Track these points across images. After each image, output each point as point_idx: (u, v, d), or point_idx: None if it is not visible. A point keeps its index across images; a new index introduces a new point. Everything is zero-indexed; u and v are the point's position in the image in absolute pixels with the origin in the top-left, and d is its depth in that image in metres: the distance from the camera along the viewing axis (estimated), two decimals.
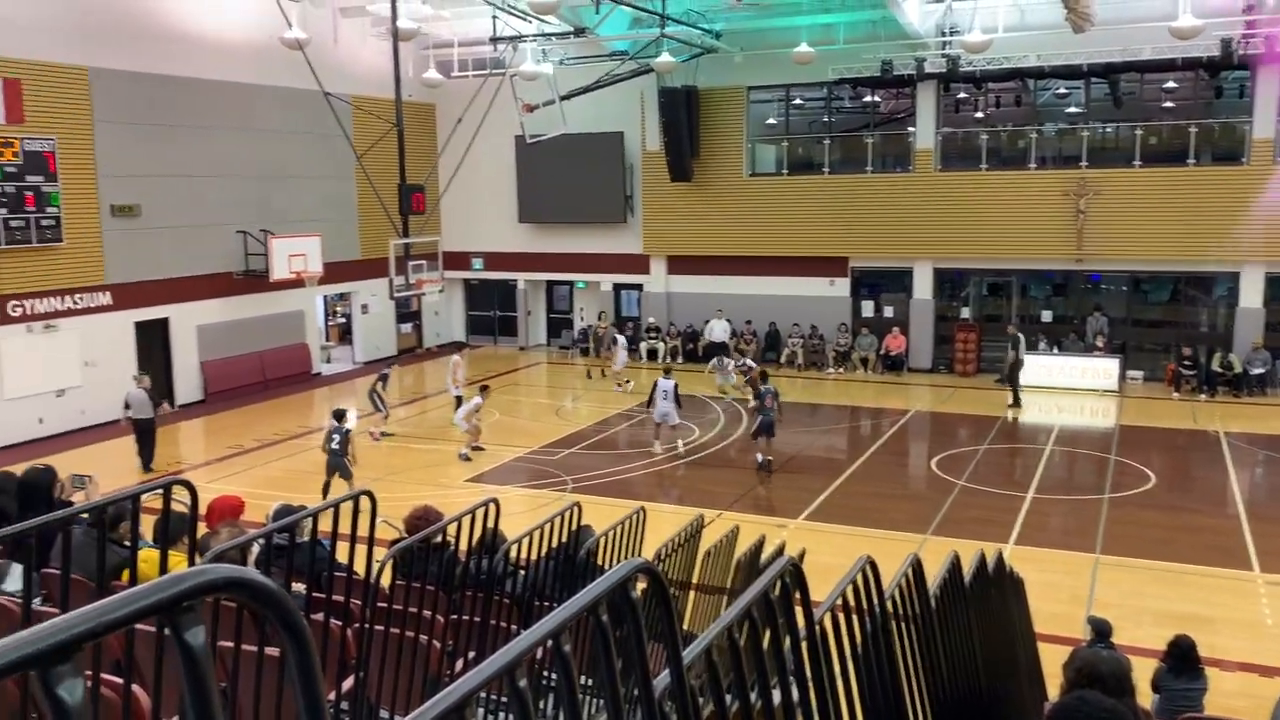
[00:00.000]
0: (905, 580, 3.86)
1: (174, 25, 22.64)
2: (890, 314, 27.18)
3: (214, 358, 24.07)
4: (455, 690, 1.23)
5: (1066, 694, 5.16)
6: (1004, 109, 26.31)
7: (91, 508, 3.28)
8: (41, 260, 20.26)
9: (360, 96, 25.11)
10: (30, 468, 6.98)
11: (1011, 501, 15.75)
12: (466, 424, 18.74)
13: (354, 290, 28.48)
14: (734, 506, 15.42)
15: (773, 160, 28.29)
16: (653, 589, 1.96)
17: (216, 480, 16.68)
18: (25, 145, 19.55)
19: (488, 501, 5.40)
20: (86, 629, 0.79)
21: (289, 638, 0.94)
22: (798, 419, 22.20)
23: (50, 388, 20.53)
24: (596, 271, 30.01)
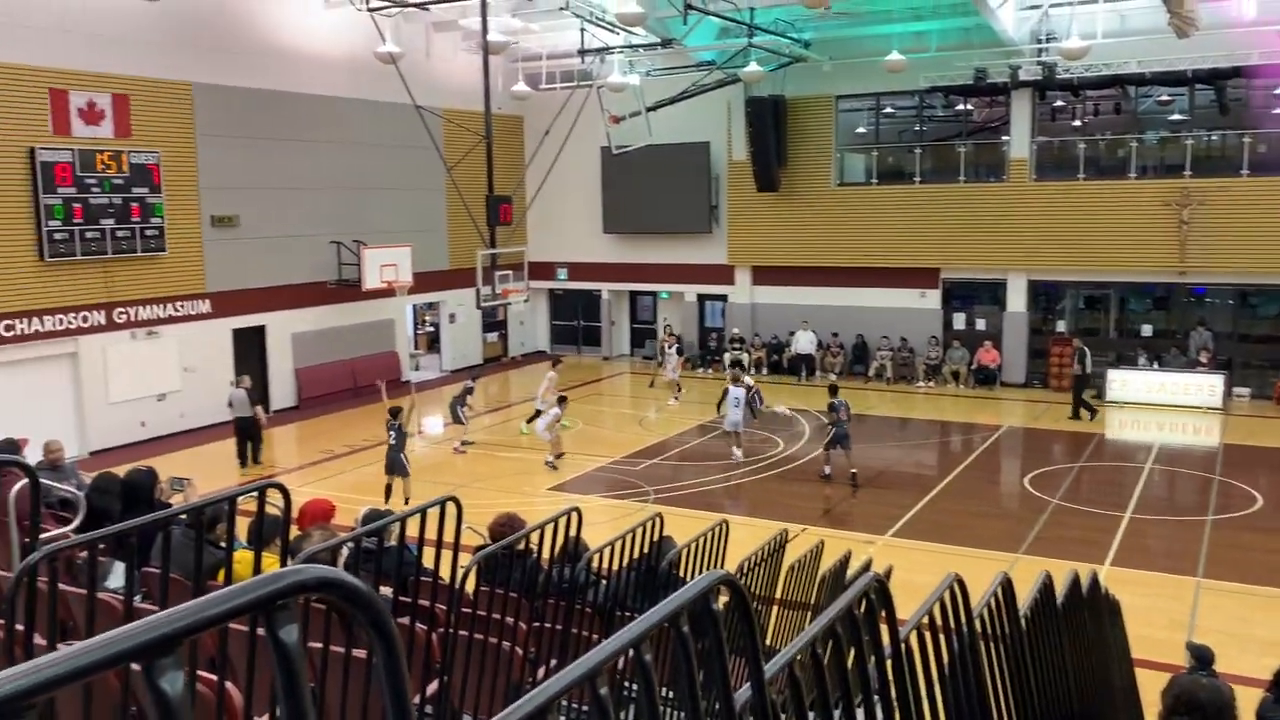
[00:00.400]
0: (994, 599, 3.77)
1: (273, 41, 23.38)
2: (982, 327, 26.63)
3: (308, 365, 24.72)
4: (538, 695, 1.24)
5: None
6: (1103, 117, 25.60)
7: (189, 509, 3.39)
8: (146, 269, 21.06)
9: (451, 109, 25.58)
10: (132, 469, 7.25)
11: (1108, 521, 15.28)
12: (549, 434, 18.91)
13: (442, 300, 28.99)
14: (819, 521, 15.26)
15: (862, 170, 27.98)
16: (734, 602, 1.94)
17: (308, 484, 17.10)
18: (132, 158, 20.35)
19: (570, 510, 5.44)
20: (188, 624, 0.82)
21: (378, 639, 0.95)
22: (887, 433, 21.89)
23: (152, 392, 21.29)
24: (680, 282, 30.04)
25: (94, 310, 20.21)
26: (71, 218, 19.40)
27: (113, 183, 20.05)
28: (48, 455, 10.10)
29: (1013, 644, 3.97)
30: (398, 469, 15.73)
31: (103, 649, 0.77)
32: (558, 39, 26.40)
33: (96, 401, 20.30)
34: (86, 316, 20.10)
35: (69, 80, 19.39)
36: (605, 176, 29.58)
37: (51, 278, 19.42)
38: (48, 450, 10.19)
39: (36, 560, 2.70)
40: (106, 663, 0.76)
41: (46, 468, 9.77)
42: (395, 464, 15.75)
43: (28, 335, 19.18)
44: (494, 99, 22.91)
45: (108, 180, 19.95)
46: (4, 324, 18.78)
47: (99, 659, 0.76)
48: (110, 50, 20.01)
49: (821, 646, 2.07)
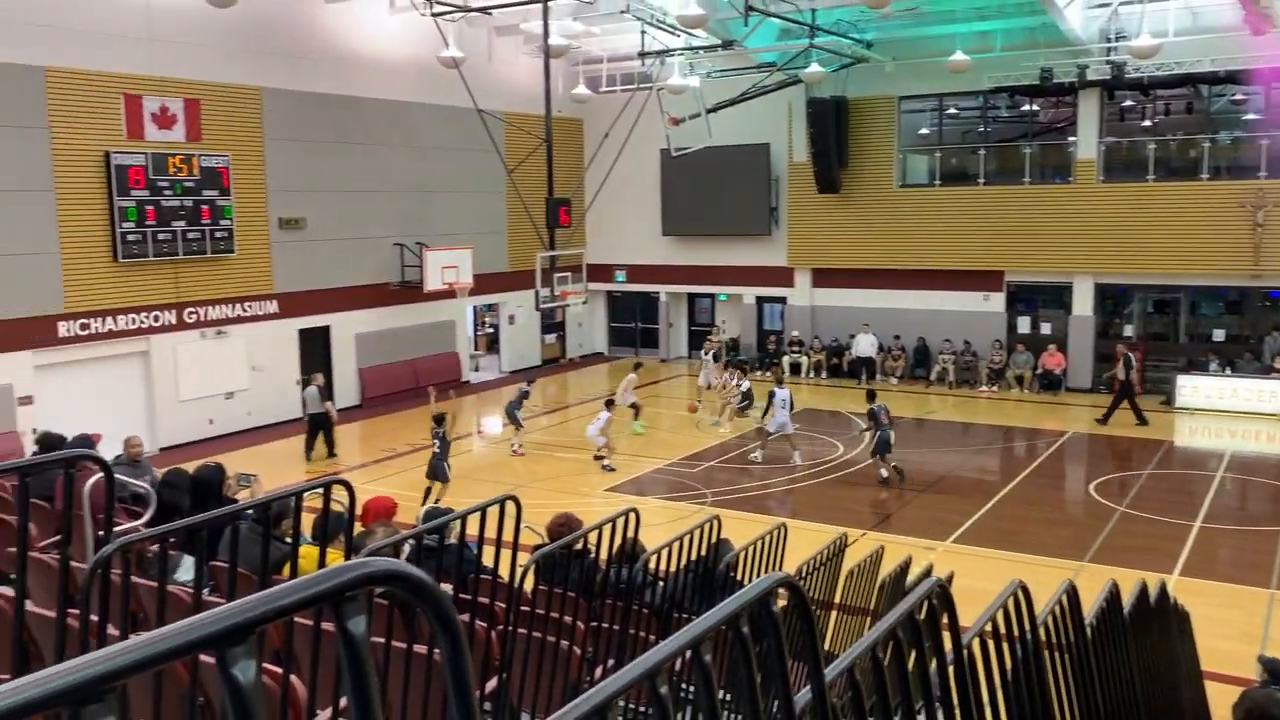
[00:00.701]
0: (1059, 608, 3.70)
1: (339, 47, 23.77)
2: (1048, 330, 26.15)
3: (371, 365, 25.09)
4: (598, 692, 1.24)
5: None
6: (1174, 117, 24.98)
7: (257, 504, 3.46)
8: (215, 270, 21.53)
9: (512, 113, 25.79)
10: (201, 465, 7.42)
11: (1177, 530, 14.91)
12: (602, 438, 18.95)
13: (502, 301, 29.23)
14: (879, 526, 15.10)
15: (925, 171, 27.66)
16: (794, 605, 1.93)
17: (371, 481, 17.34)
18: (202, 162, 20.83)
19: (627, 511, 5.45)
20: (260, 613, 0.84)
21: (443, 633, 0.96)
22: (949, 438, 21.61)
23: (220, 390, 21.75)
24: (739, 284, 29.94)
25: (165, 310, 20.71)
26: (144, 219, 19.90)
27: (184, 185, 20.53)
28: (128, 450, 10.36)
29: (1078, 654, 3.89)
30: (439, 474, 15.90)
31: (178, 637, 0.79)
32: (618, 42, 26.49)
33: (167, 399, 20.80)
34: (158, 316, 20.60)
35: (143, 86, 19.90)
36: (664, 178, 29.59)
37: (124, 278, 19.95)
38: (128, 445, 10.45)
39: (110, 553, 2.77)
40: (181, 650, 0.78)
41: (126, 463, 10.04)
42: (437, 470, 15.92)
43: (101, 334, 19.71)
44: (554, 102, 23.06)
45: (179, 183, 20.44)
46: (79, 323, 19.33)
47: (174, 646, 0.78)
48: (182, 56, 20.50)
49: (882, 651, 2.05)
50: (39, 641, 4.09)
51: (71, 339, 19.24)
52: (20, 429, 18.00)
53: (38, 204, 18.48)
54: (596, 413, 19.67)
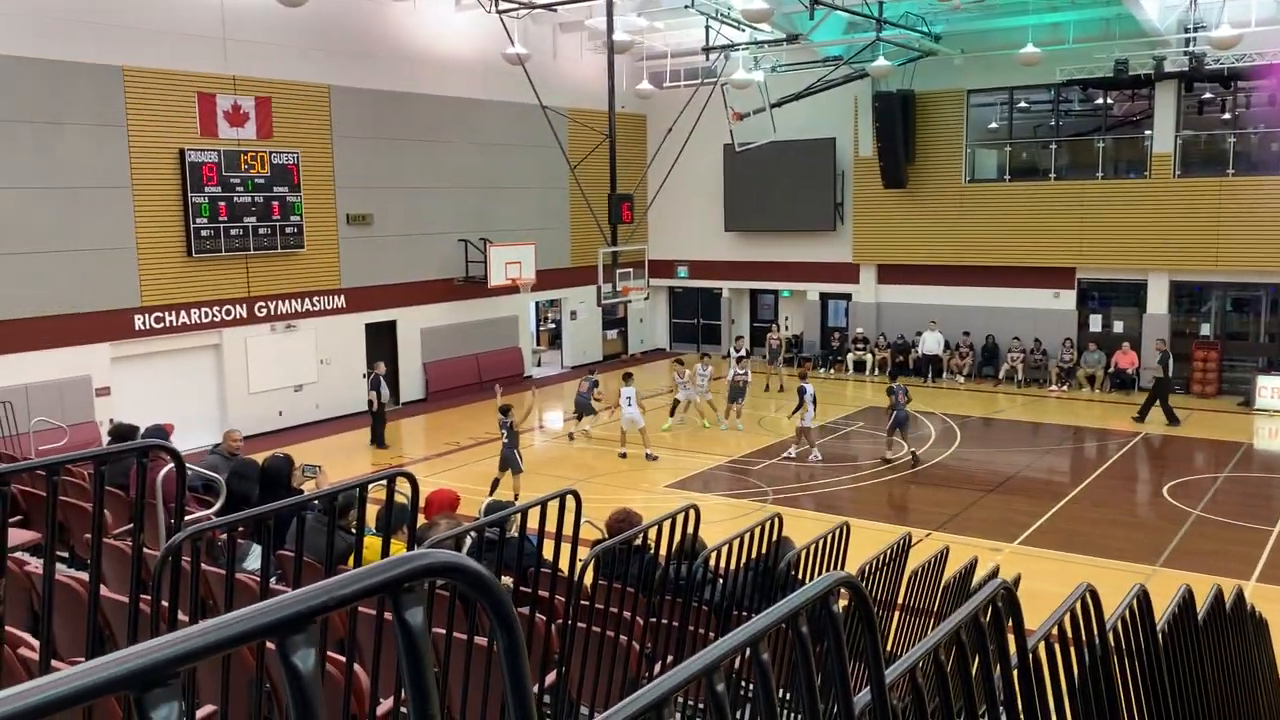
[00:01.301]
0: (1129, 612, 3.61)
1: (406, 44, 24.07)
2: (1120, 329, 25.54)
3: (435, 359, 25.39)
4: (654, 689, 1.24)
5: None
6: (1255, 109, 24.22)
7: (323, 495, 3.51)
8: (285, 265, 21.95)
9: (576, 109, 25.89)
10: (271, 456, 7.58)
11: (1255, 535, 14.47)
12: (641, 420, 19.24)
13: (564, 297, 29.37)
14: (944, 527, 14.89)
15: (994, 166, 27.18)
16: (855, 604, 1.91)
17: (434, 474, 17.56)
18: (273, 159, 21.24)
19: (688, 508, 5.44)
20: (320, 602, 0.85)
21: (500, 626, 0.97)
22: (1017, 438, 21.23)
23: (289, 383, 22.19)
24: (803, 280, 29.72)
25: (236, 304, 21.17)
26: (217, 215, 20.37)
27: (255, 182, 20.96)
28: (228, 443, 10.65)
29: (1149, 660, 3.80)
30: (511, 465, 16.03)
31: (240, 624, 0.80)
32: (682, 37, 26.43)
33: (238, 391, 21.27)
34: (229, 310, 21.07)
35: (216, 84, 20.36)
36: (727, 174, 29.47)
37: (198, 273, 20.43)
38: (228, 439, 10.77)
39: (180, 541, 2.84)
40: (243, 637, 0.80)
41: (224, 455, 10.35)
42: (509, 460, 16.05)
43: (175, 327, 20.22)
44: (618, 98, 23.09)
45: (250, 180, 20.87)
46: (154, 316, 19.84)
47: (237, 633, 0.79)
48: (254, 55, 20.93)
49: (945, 654, 2.01)
50: (113, 625, 4.21)
51: (147, 332, 19.76)
52: (98, 419, 18.54)
53: (116, 200, 19.01)
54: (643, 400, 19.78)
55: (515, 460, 16.03)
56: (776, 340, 27.62)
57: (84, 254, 18.60)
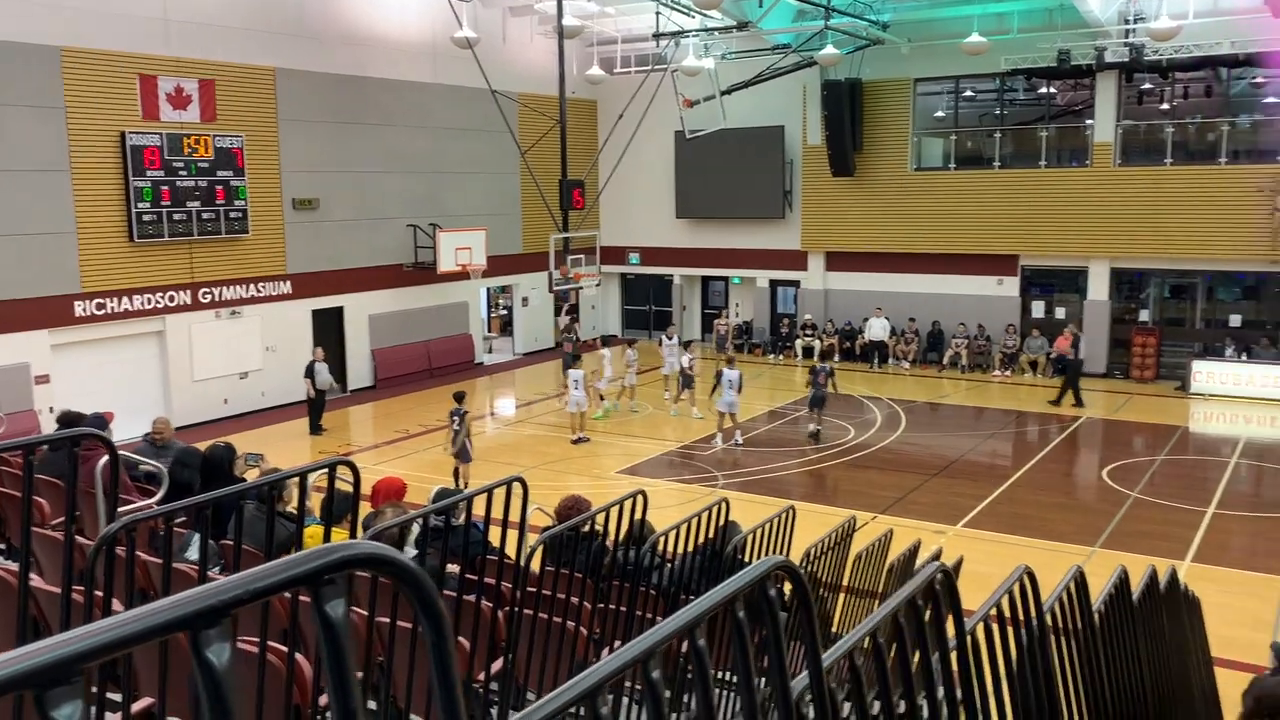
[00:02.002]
0: (1066, 593, 3.69)
1: (353, 27, 23.73)
2: (1062, 315, 25.99)
3: (384, 346, 25.15)
4: (588, 676, 1.24)
5: None
6: (1193, 100, 24.71)
7: (260, 484, 3.47)
8: (229, 251, 21.59)
9: (526, 94, 25.72)
10: (212, 445, 7.47)
11: (1190, 516, 14.84)
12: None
13: (515, 283, 29.24)
14: (890, 510, 15.09)
15: (940, 154, 27.47)
16: (794, 588, 1.92)
17: (383, 462, 17.43)
18: (217, 142, 20.86)
19: (636, 493, 5.45)
20: (233, 595, 0.83)
21: (425, 616, 0.96)
22: (961, 423, 21.54)
23: (234, 370, 21.86)
24: (753, 267, 29.85)
25: (180, 290, 20.79)
26: (159, 200, 19.96)
27: (198, 166, 20.58)
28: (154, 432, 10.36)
29: (1085, 640, 3.88)
30: (460, 454, 15.96)
31: (150, 618, 0.78)
32: (633, 23, 26.35)
33: (182, 378, 20.91)
34: (173, 296, 20.69)
35: (157, 66, 19.92)
36: (678, 161, 29.48)
37: (140, 258, 20.03)
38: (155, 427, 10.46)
39: (114, 531, 2.79)
40: (150, 633, 0.78)
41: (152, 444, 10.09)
42: (461, 450, 15.98)
43: (117, 314, 19.81)
44: (568, 83, 22.99)
45: (194, 164, 20.48)
46: (95, 303, 19.42)
47: (145, 628, 0.77)
48: (197, 36, 20.51)
49: (883, 635, 2.04)
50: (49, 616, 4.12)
51: (87, 318, 19.34)
52: (37, 407, 18.14)
53: (55, 184, 18.56)
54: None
55: (464, 450, 15.95)
56: (725, 327, 27.78)
57: (22, 239, 18.15)
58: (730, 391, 18.87)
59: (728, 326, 27.89)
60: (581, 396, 19.29)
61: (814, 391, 19.34)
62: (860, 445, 19.16)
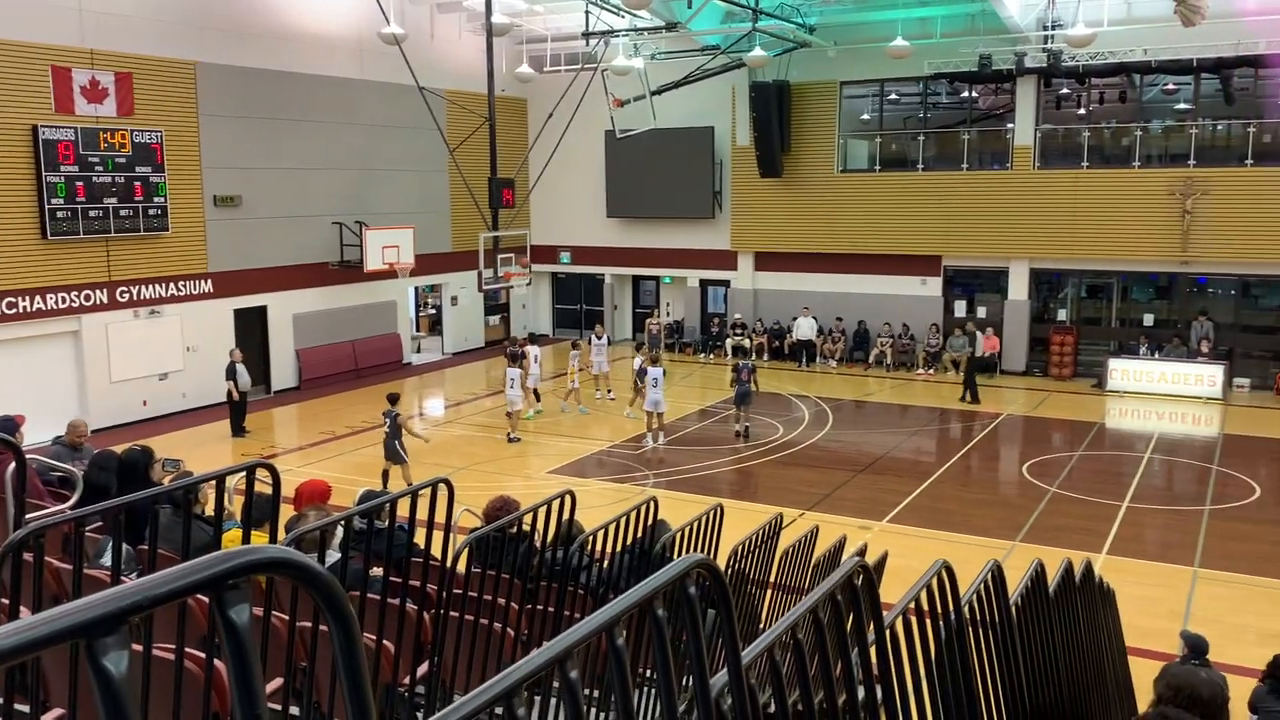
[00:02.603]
0: (984, 586, 3.78)
1: (277, 21, 23.29)
2: (984, 314, 26.59)
3: (309, 345, 24.74)
4: (506, 677, 1.24)
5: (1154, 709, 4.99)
6: (1108, 105, 25.44)
7: (176, 488, 3.40)
8: (148, 248, 21.04)
9: (454, 91, 25.50)
10: (129, 448, 7.28)
11: (1106, 510, 15.29)
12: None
13: (444, 282, 28.98)
14: (817, 507, 15.28)
15: (865, 156, 27.89)
16: (713, 586, 1.95)
17: (308, 465, 17.15)
18: (135, 137, 20.31)
19: (564, 493, 5.45)
20: (132, 602, 0.82)
21: (332, 619, 0.95)
22: (886, 420, 21.89)
23: (154, 371, 21.32)
24: (684, 267, 30.00)
25: (96, 289, 20.21)
26: (74, 196, 19.38)
27: (115, 161, 20.02)
28: (70, 435, 10.11)
29: (1002, 631, 3.98)
30: (394, 456, 15.75)
31: (41, 627, 0.76)
32: (562, 21, 26.29)
33: (99, 380, 20.33)
34: (89, 295, 20.10)
35: (71, 58, 19.34)
36: (609, 160, 29.50)
37: (53, 256, 19.42)
38: (71, 429, 10.21)
39: (21, 537, 2.70)
40: (44, 641, 0.76)
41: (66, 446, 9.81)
42: (391, 451, 15.76)
43: (30, 313, 19.18)
44: (497, 81, 22.85)
45: (110, 159, 19.93)
46: (6, 302, 18.79)
47: (38, 637, 0.76)
48: (113, 28, 19.95)
49: (803, 630, 2.07)
50: None
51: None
52: None
53: None
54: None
55: (396, 452, 15.74)
56: (656, 326, 27.88)
57: None
58: (655, 390, 18.97)
59: (659, 326, 28.03)
60: (516, 394, 19.22)
61: (738, 389, 19.57)
62: (788, 443, 19.37)
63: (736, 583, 6.87)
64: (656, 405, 19.05)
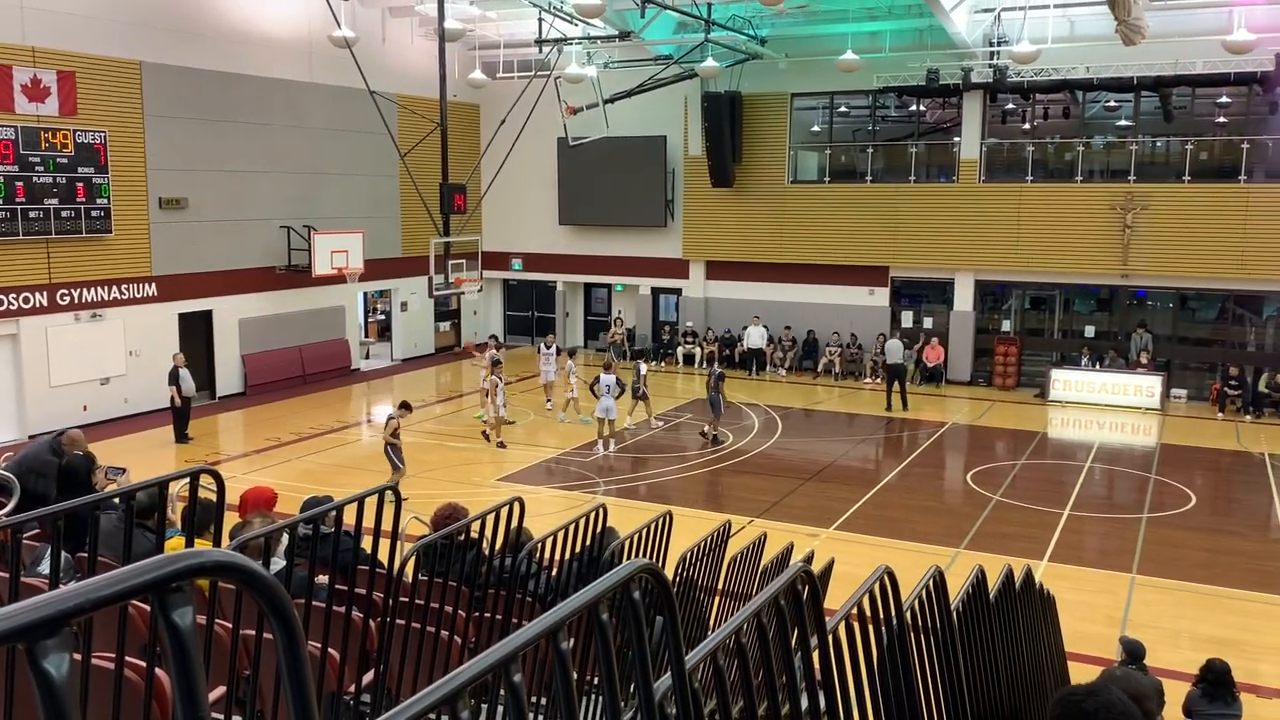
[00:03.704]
0: (925, 592, 3.84)
1: (225, 22, 23.00)
2: (930, 325, 26.96)
3: (255, 351, 24.40)
4: (448, 682, 1.25)
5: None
6: (1051, 121, 26.00)
7: (121, 493, 3.35)
8: (90, 251, 20.65)
9: (406, 95, 25.35)
10: (71, 453, 7.13)
11: (1047, 518, 15.57)
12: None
13: (394, 287, 28.75)
14: (765, 514, 15.38)
15: (815, 168, 28.18)
16: (657, 591, 1.97)
17: (253, 471, 16.92)
18: (77, 137, 19.94)
19: (512, 500, 5.44)
20: (74, 605, 0.82)
21: (276, 623, 0.96)
22: (835, 428, 22.10)
23: (95, 376, 20.90)
24: (635, 275, 30.06)
25: (36, 291, 19.78)
26: (13, 196, 18.97)
27: (57, 162, 19.63)
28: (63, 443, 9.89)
29: (943, 637, 4.04)
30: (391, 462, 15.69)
31: None
32: (515, 28, 26.24)
33: (37, 384, 19.89)
34: (28, 298, 19.67)
35: (12, 55, 18.94)
36: (562, 167, 29.49)
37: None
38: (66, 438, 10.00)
39: None
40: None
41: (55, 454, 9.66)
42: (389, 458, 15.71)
43: None
44: (450, 86, 22.73)
45: (52, 159, 19.53)
46: None
47: None
48: (56, 26, 19.58)
49: (746, 636, 2.10)
50: None
51: None
52: None
53: None
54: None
55: (391, 459, 15.66)
56: (618, 336, 28.01)
57: None
58: (608, 397, 18.99)
59: (620, 335, 28.15)
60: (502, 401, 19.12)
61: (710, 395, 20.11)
62: (739, 450, 19.48)
63: (684, 589, 6.90)
64: (608, 412, 19.08)
